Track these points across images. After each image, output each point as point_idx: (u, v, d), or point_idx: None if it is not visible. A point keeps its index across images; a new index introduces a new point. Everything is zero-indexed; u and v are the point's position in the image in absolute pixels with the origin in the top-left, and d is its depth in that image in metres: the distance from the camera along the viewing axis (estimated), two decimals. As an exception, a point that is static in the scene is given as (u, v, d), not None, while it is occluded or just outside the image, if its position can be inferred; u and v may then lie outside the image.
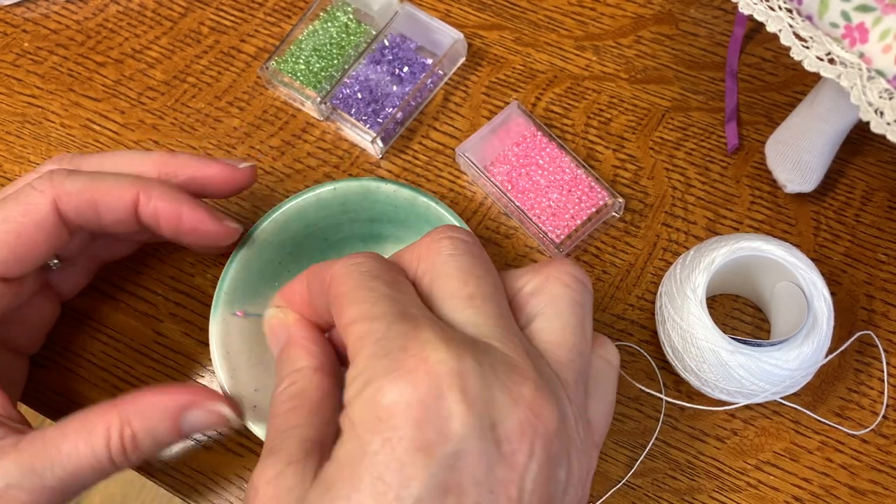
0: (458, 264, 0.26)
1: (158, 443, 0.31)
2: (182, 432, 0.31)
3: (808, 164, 0.39)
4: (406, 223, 0.39)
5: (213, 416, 0.32)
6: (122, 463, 0.31)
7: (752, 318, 0.39)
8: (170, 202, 0.33)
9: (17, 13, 0.48)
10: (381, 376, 0.23)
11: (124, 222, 0.34)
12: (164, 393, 0.31)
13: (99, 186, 0.33)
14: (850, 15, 0.32)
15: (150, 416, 0.31)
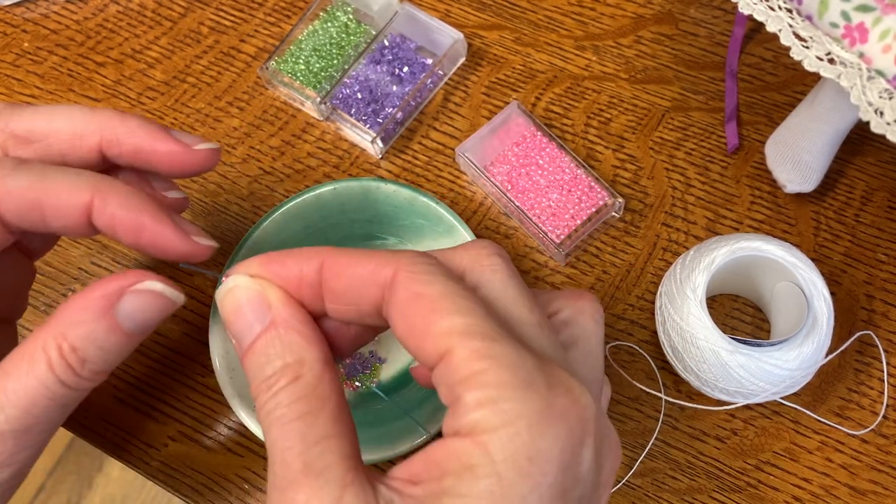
0: (518, 289, 0.24)
1: (104, 348, 0.27)
2: (124, 328, 0.28)
3: (808, 164, 0.39)
4: (406, 223, 0.39)
5: (146, 298, 0.28)
6: (76, 382, 0.27)
7: (751, 318, 0.39)
8: (129, 211, 0.28)
9: (16, 13, 0.48)
10: (534, 415, 0.21)
11: (75, 228, 0.29)
12: (88, 290, 0.27)
13: (47, 187, 0.28)
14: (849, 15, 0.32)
15: (80, 321, 0.27)
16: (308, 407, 0.23)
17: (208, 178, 0.43)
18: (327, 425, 0.23)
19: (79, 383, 0.27)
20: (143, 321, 0.28)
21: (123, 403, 0.38)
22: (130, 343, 0.28)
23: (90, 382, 0.28)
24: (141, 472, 0.37)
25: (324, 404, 0.23)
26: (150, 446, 0.38)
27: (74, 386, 0.27)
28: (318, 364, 0.24)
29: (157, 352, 0.39)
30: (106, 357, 0.28)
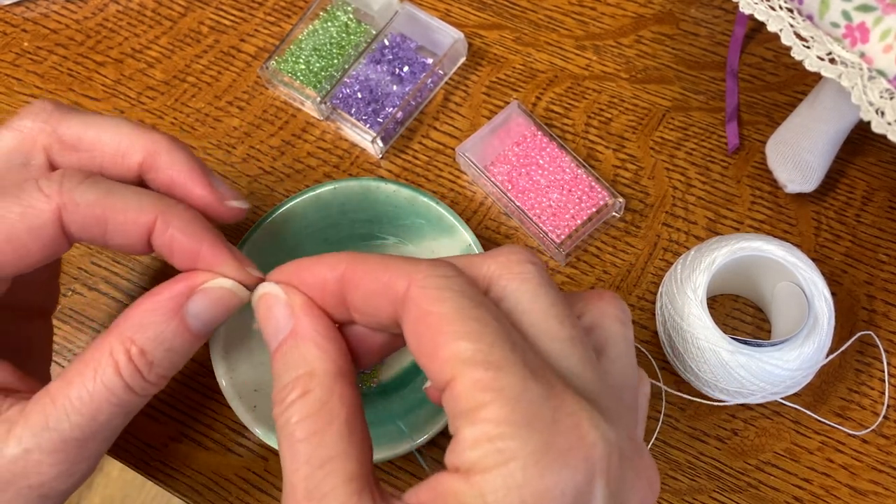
0: (551, 299, 0.23)
1: (172, 349, 0.27)
2: (194, 328, 0.28)
3: (808, 164, 0.39)
4: (406, 223, 0.39)
5: (216, 296, 0.28)
6: (143, 386, 0.27)
7: (752, 318, 0.39)
8: (190, 237, 0.28)
9: (16, 13, 0.48)
10: (532, 455, 0.20)
11: (133, 246, 0.29)
12: (155, 292, 0.27)
13: (114, 203, 0.28)
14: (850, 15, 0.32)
15: (149, 324, 0.27)
16: (315, 426, 0.22)
17: (208, 177, 0.43)
18: (334, 445, 0.22)
19: (145, 388, 0.27)
20: (210, 320, 0.28)
21: (123, 403, 0.38)
22: (196, 343, 0.28)
23: (155, 387, 0.28)
24: (141, 472, 0.37)
25: (332, 421, 0.23)
26: (149, 446, 0.38)
27: (141, 391, 0.27)
28: (329, 377, 0.23)
29: (156, 352, 0.39)
30: (173, 359, 0.27)
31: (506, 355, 0.21)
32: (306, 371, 0.23)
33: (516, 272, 0.23)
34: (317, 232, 0.39)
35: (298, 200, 0.38)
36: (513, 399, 0.20)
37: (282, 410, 0.23)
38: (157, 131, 0.32)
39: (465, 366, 0.21)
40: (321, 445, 0.22)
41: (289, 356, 0.24)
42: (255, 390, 0.35)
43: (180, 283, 0.28)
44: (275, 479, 0.37)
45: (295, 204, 0.38)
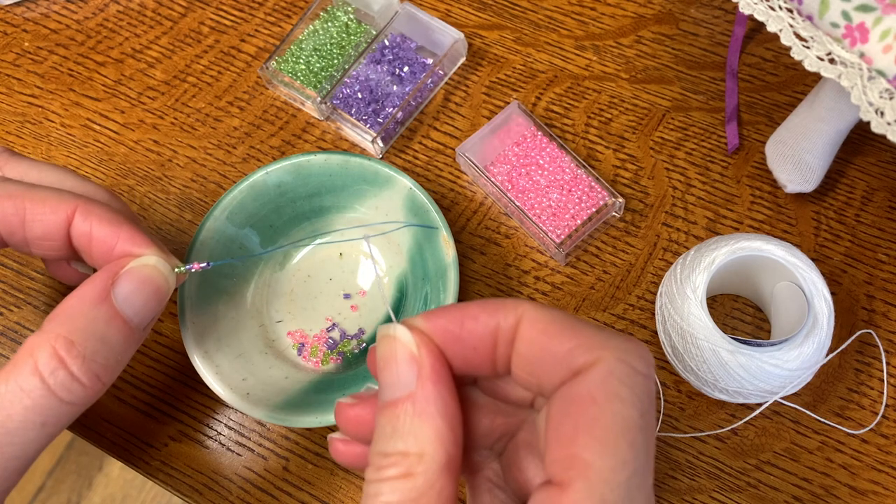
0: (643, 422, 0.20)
1: (106, 339, 0.25)
2: (126, 315, 0.26)
3: (808, 165, 0.39)
4: (343, 187, 0.39)
5: (142, 275, 0.26)
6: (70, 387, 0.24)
7: (752, 318, 0.39)
8: (109, 225, 0.27)
9: (17, 13, 0.48)
10: None
11: (51, 240, 0.28)
12: (80, 286, 0.26)
13: (33, 194, 0.27)
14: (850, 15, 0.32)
15: (76, 314, 0.25)
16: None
17: (208, 177, 0.43)
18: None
19: (72, 390, 0.24)
20: (142, 305, 0.26)
21: (123, 403, 0.38)
22: (133, 336, 0.26)
23: (85, 389, 0.25)
24: (141, 472, 0.37)
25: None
26: (150, 446, 0.38)
27: (66, 395, 0.24)
28: (436, 468, 0.20)
29: (157, 351, 0.39)
30: (108, 354, 0.25)
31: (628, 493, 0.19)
32: (416, 452, 0.20)
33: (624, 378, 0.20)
34: (259, 220, 0.39)
35: (234, 193, 0.38)
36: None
37: (376, 479, 0.21)
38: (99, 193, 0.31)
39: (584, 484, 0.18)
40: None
41: (400, 423, 0.21)
42: (243, 379, 0.35)
43: (103, 271, 0.26)
44: (274, 479, 0.37)
45: (232, 197, 0.38)
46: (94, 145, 0.44)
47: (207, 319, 0.36)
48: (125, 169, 0.44)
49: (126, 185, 0.43)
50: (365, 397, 0.23)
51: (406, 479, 0.20)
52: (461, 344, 0.21)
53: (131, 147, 0.44)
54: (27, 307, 0.40)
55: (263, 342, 0.38)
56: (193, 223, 0.42)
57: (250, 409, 0.34)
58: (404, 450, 0.20)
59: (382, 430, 0.21)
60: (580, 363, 0.20)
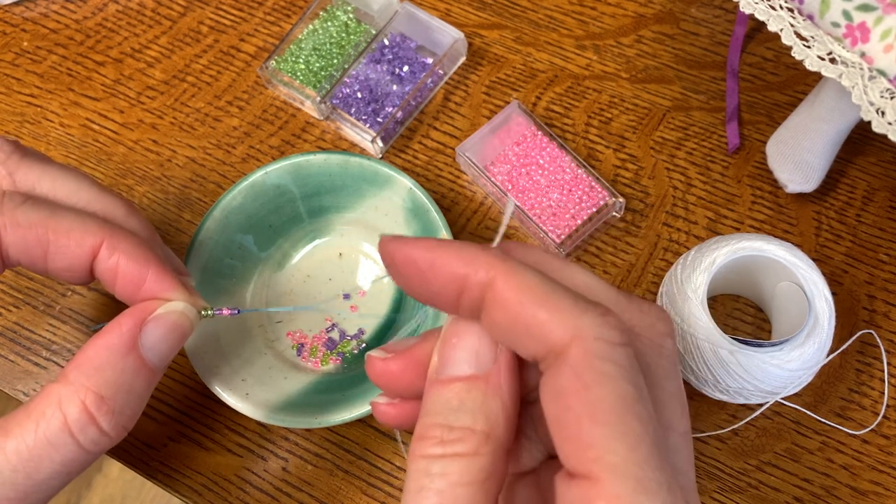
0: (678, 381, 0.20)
1: (134, 391, 0.25)
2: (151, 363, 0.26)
3: (809, 164, 0.39)
4: (343, 187, 0.39)
5: (170, 322, 0.26)
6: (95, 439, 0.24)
7: (753, 318, 0.39)
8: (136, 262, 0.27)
9: (16, 12, 0.48)
10: None
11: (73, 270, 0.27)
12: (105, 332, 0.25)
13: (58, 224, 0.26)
14: (851, 14, 0.32)
15: (104, 365, 0.24)
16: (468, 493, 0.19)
17: (208, 177, 0.43)
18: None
19: (99, 443, 0.25)
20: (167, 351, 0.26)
21: (123, 403, 0.38)
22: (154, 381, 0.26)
23: (111, 441, 0.25)
24: (140, 473, 0.37)
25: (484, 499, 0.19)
26: (149, 446, 0.37)
27: (92, 447, 0.24)
28: (501, 448, 0.20)
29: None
30: (135, 404, 0.25)
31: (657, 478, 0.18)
32: (482, 430, 0.19)
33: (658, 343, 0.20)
34: (259, 221, 0.39)
35: (234, 193, 0.38)
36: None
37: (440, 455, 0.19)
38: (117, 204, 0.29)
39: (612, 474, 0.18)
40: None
41: (471, 399, 0.20)
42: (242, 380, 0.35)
43: (129, 317, 0.26)
44: (274, 480, 0.37)
45: (232, 198, 0.38)
46: (93, 145, 0.44)
47: (207, 320, 0.36)
48: (124, 169, 0.44)
49: (125, 185, 0.43)
50: (399, 351, 0.22)
51: (473, 458, 0.19)
52: (425, 284, 0.21)
53: (130, 147, 0.44)
54: (26, 307, 0.40)
55: (263, 343, 0.38)
56: (192, 223, 0.42)
57: (250, 409, 0.34)
58: (471, 426, 0.19)
59: (447, 402, 0.20)
60: (555, 340, 0.19)
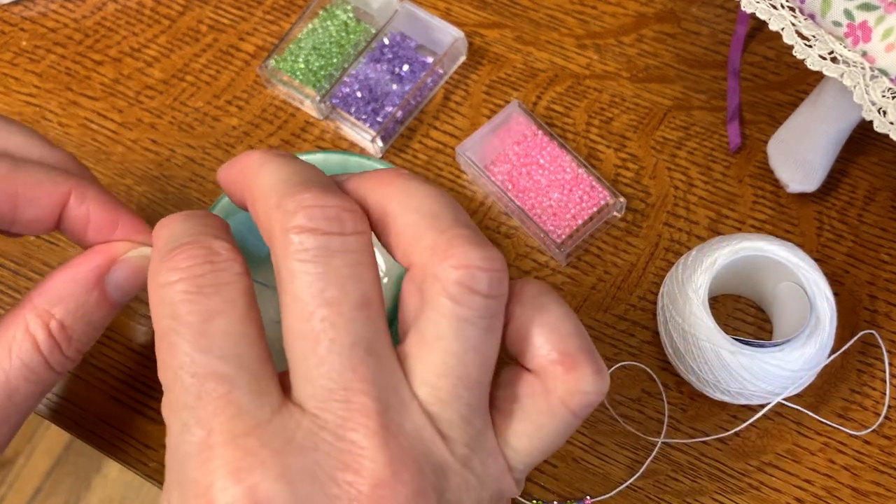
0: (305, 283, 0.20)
1: (92, 323, 0.26)
2: (113, 300, 0.27)
3: (810, 164, 0.39)
4: None
5: (137, 265, 0.27)
6: (60, 361, 0.26)
7: (754, 318, 0.39)
8: (108, 208, 0.28)
9: (14, 11, 0.48)
10: None
11: (42, 221, 0.28)
12: (73, 265, 0.26)
13: (26, 177, 0.27)
14: (852, 13, 0.32)
15: (69, 296, 0.26)
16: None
17: (207, 177, 0.43)
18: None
19: (63, 364, 0.26)
20: (131, 290, 0.27)
21: (121, 404, 0.38)
22: (112, 315, 0.27)
23: (72, 363, 0.27)
24: (139, 473, 0.37)
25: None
26: (148, 447, 0.37)
27: (57, 365, 0.26)
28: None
29: (156, 352, 0.39)
30: (91, 333, 0.27)
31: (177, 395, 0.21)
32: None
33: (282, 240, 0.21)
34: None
35: None
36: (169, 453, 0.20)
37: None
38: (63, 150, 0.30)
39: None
40: None
41: None
42: None
43: (101, 254, 0.27)
44: (274, 481, 0.36)
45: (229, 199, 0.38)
46: (92, 144, 0.44)
47: None
48: (123, 168, 0.43)
49: (124, 185, 0.43)
50: None
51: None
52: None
53: (129, 146, 0.44)
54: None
55: None
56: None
57: None
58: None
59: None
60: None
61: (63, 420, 0.38)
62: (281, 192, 0.21)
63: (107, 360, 0.39)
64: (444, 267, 0.20)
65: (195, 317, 0.20)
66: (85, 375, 0.39)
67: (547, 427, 0.22)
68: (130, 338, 0.39)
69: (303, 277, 0.20)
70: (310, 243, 0.20)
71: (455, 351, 0.20)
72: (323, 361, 0.20)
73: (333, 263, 0.20)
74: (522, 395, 0.22)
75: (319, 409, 0.19)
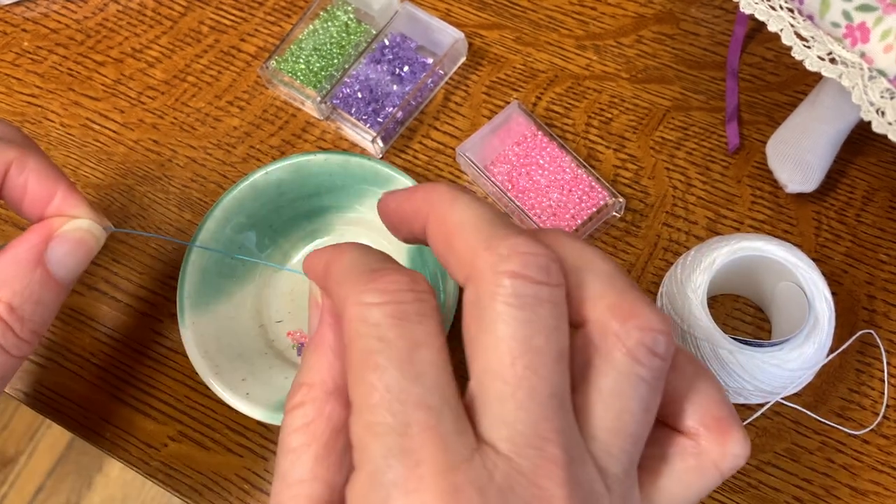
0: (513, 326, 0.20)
1: (41, 301, 0.27)
2: (58, 276, 0.27)
3: (809, 164, 0.39)
4: (343, 188, 0.39)
5: (75, 239, 0.27)
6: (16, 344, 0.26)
7: (753, 318, 0.39)
8: (45, 180, 0.28)
9: (16, 12, 0.48)
10: None
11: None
12: (12, 245, 0.27)
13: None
14: (851, 14, 0.32)
15: (12, 278, 0.26)
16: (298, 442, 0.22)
17: (208, 177, 0.43)
18: (306, 468, 0.22)
19: (19, 346, 0.27)
20: (74, 265, 0.28)
21: (123, 403, 0.38)
22: (63, 293, 0.28)
23: (29, 345, 0.27)
24: (140, 473, 0.37)
25: (312, 442, 0.22)
26: (149, 446, 0.38)
27: (15, 351, 0.26)
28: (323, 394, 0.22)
29: (156, 352, 0.39)
30: (43, 313, 0.27)
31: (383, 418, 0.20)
32: (308, 382, 0.23)
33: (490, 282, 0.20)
34: (259, 220, 0.39)
35: (235, 193, 0.38)
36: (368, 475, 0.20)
37: (286, 410, 0.23)
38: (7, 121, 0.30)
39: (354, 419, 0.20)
40: (295, 465, 0.22)
41: (305, 360, 0.24)
42: (242, 379, 0.35)
43: (35, 233, 0.27)
44: (275, 479, 0.37)
45: (232, 197, 0.38)
46: (94, 145, 0.44)
47: (207, 320, 0.36)
48: (124, 168, 0.44)
49: (125, 185, 0.43)
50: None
51: (300, 408, 0.22)
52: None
53: (131, 147, 0.44)
54: None
55: (263, 342, 0.38)
56: (193, 223, 0.42)
57: (250, 409, 0.34)
58: (301, 381, 0.23)
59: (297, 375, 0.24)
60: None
61: (64, 419, 0.38)
62: (487, 234, 0.21)
63: (108, 360, 0.39)
64: (628, 328, 0.21)
65: (403, 342, 0.20)
66: (86, 375, 0.39)
67: (693, 486, 0.23)
68: (132, 337, 0.40)
69: (510, 322, 0.20)
70: (522, 290, 0.20)
71: (631, 409, 0.21)
72: (521, 407, 0.20)
73: (541, 313, 0.20)
74: (672, 454, 0.23)
75: (514, 454, 0.19)
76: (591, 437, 0.21)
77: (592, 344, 0.21)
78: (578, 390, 0.21)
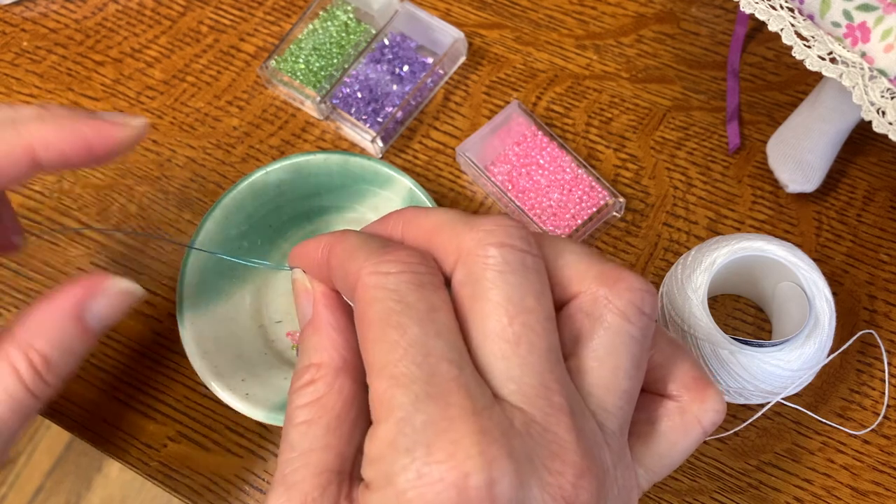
0: (506, 290, 0.21)
1: (73, 352, 0.28)
2: (92, 329, 0.28)
3: (810, 164, 0.39)
4: (343, 187, 0.39)
5: (116, 297, 0.29)
6: (43, 390, 0.27)
7: (753, 318, 0.39)
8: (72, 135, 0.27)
9: (15, 12, 0.48)
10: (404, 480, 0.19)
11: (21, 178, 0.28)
12: (54, 298, 0.28)
13: None
14: (851, 14, 0.32)
15: (51, 329, 0.27)
16: (308, 416, 0.23)
17: (208, 177, 0.43)
18: (317, 437, 0.23)
19: (44, 391, 0.27)
20: (110, 321, 0.29)
21: (122, 404, 0.38)
22: (93, 343, 0.29)
23: (55, 390, 0.28)
24: (140, 473, 0.37)
25: (323, 414, 0.23)
26: (149, 447, 0.37)
27: (41, 394, 0.27)
28: (332, 371, 0.24)
29: (156, 352, 0.39)
30: (70, 361, 0.28)
31: (410, 371, 0.20)
32: (314, 362, 0.24)
33: (478, 255, 0.22)
34: (259, 221, 0.39)
35: (234, 193, 0.38)
36: (399, 421, 0.20)
37: (291, 392, 0.24)
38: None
39: (374, 377, 0.21)
40: (306, 435, 0.23)
41: (305, 343, 0.25)
42: (242, 380, 0.35)
43: (80, 287, 0.28)
44: (274, 480, 0.37)
45: (231, 198, 0.38)
46: (93, 145, 0.44)
47: (206, 320, 0.36)
48: (124, 168, 0.44)
49: (125, 185, 0.43)
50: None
51: (309, 386, 0.24)
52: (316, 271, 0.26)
53: (130, 147, 0.44)
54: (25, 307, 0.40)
55: (263, 343, 0.38)
56: (192, 223, 0.42)
57: (250, 409, 0.34)
58: (307, 363, 0.24)
59: (298, 355, 0.25)
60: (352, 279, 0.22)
61: (64, 419, 0.38)
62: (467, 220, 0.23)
63: (108, 360, 0.39)
64: (617, 290, 0.23)
65: (423, 304, 0.21)
66: (86, 375, 0.39)
67: (679, 444, 0.25)
68: (132, 338, 0.40)
69: (503, 286, 0.21)
70: (509, 257, 0.22)
71: (624, 366, 0.22)
72: (525, 362, 0.21)
73: (529, 276, 0.22)
74: (659, 416, 0.25)
75: (526, 405, 0.21)
76: (587, 395, 0.22)
77: (582, 311, 0.23)
78: (572, 356, 0.23)
